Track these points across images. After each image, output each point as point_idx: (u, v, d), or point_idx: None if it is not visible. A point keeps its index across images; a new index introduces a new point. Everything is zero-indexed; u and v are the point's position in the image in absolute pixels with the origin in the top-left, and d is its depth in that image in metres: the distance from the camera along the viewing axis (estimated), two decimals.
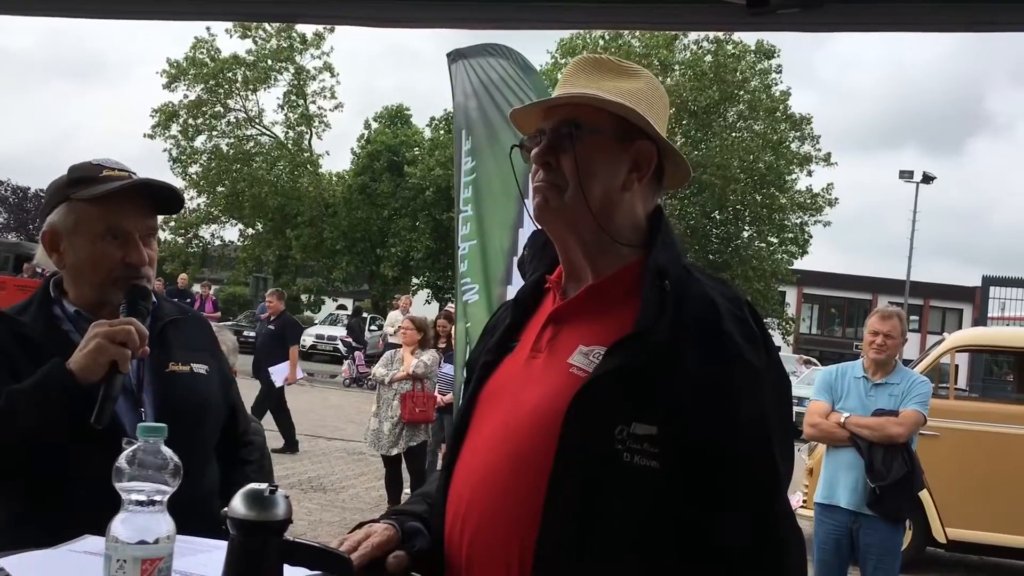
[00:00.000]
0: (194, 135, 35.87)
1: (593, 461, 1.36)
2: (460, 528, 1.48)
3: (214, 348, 2.15)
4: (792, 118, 34.60)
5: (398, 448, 7.82)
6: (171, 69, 34.84)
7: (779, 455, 1.41)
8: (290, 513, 1.17)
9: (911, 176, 35.72)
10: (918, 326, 47.16)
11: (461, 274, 4.56)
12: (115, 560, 1.11)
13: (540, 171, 1.54)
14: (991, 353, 17.17)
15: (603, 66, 1.57)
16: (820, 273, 46.04)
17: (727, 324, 1.41)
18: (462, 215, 4.59)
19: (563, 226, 1.54)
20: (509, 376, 1.56)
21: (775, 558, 1.39)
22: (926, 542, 8.17)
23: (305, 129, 36.78)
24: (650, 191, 1.57)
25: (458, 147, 4.69)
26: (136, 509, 1.13)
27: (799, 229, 35.37)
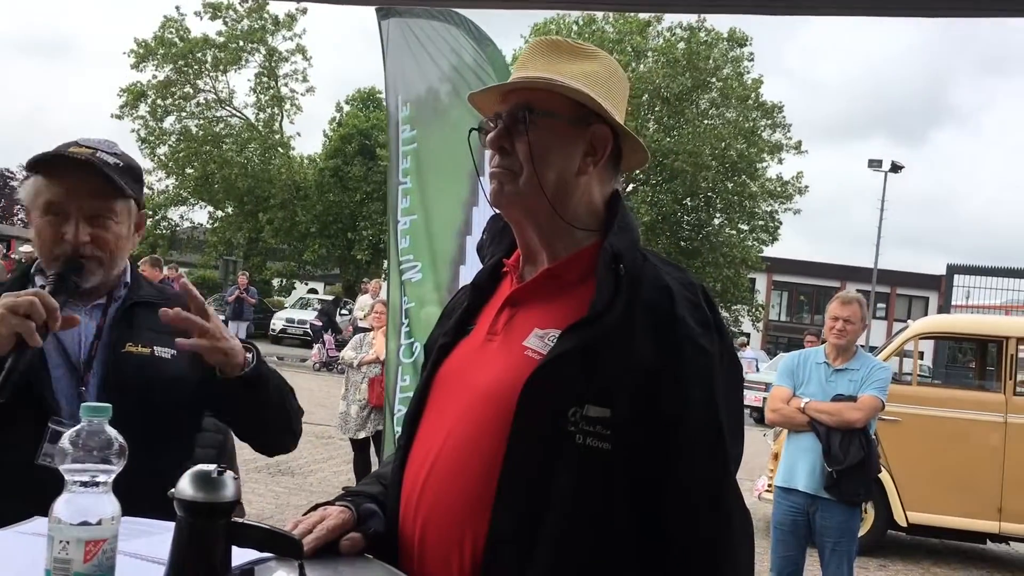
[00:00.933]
0: (163, 116, 35.41)
1: (546, 443, 1.37)
2: (414, 510, 1.48)
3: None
4: (764, 106, 34.79)
5: (365, 431, 7.80)
6: (139, 49, 34.33)
7: (729, 438, 1.42)
8: (239, 494, 1.16)
9: (880, 165, 36.04)
10: (885, 314, 47.75)
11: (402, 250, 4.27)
12: (58, 541, 1.10)
13: (496, 156, 1.54)
14: (955, 340, 17.42)
15: (560, 49, 1.56)
16: (790, 260, 46.45)
17: (680, 308, 1.42)
18: (401, 187, 4.31)
19: (519, 211, 1.54)
20: (465, 359, 1.56)
21: (723, 540, 1.40)
22: (888, 525, 8.30)
23: (276, 111, 36.45)
24: (607, 175, 1.57)
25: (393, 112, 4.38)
26: (79, 490, 1.12)
27: (769, 217, 35.63)
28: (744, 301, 36.30)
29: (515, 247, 1.61)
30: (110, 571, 1.13)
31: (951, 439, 8.14)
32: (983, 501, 7.98)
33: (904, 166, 36.35)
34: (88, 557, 1.10)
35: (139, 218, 2.04)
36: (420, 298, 4.15)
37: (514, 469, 1.37)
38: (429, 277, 4.14)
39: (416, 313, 4.11)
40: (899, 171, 36.13)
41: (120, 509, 1.14)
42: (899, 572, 7.92)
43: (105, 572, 1.12)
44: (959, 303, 19.80)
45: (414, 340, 4.05)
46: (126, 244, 1.99)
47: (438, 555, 1.43)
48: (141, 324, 1.97)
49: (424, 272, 4.16)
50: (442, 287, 4.04)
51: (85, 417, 1.15)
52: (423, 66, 4.21)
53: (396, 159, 4.30)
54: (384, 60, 4.26)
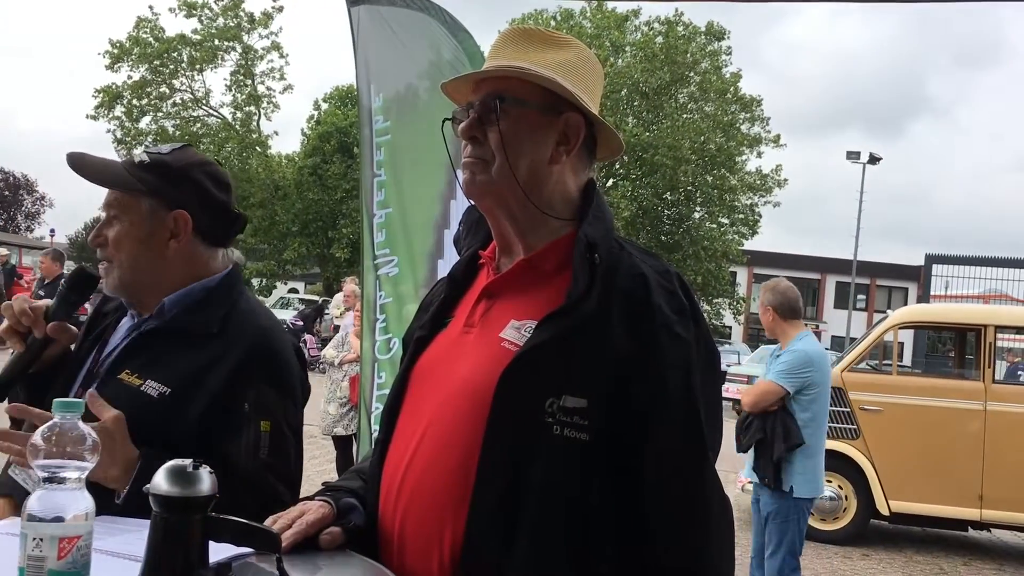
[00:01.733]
0: (139, 116, 35.17)
1: (524, 434, 1.36)
2: (393, 504, 1.47)
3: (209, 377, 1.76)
4: (742, 100, 34.92)
5: (343, 428, 7.77)
6: (114, 49, 34.06)
7: (707, 426, 1.41)
8: (215, 488, 1.15)
9: (858, 157, 36.29)
10: (865, 304, 48.08)
11: (377, 244, 4.11)
12: (31, 538, 1.08)
13: (468, 146, 1.53)
14: (934, 330, 17.57)
15: (532, 37, 1.55)
16: (770, 253, 46.67)
17: (656, 296, 1.41)
18: (376, 179, 4.14)
19: (491, 201, 1.53)
20: (442, 351, 1.55)
21: (702, 527, 1.39)
22: (870, 515, 8.36)
23: (254, 110, 36.25)
24: (580, 163, 1.56)
25: (365, 103, 4.19)
26: (53, 487, 1.10)
27: (749, 210, 35.78)
28: (725, 294, 36.47)
29: (491, 238, 1.60)
30: (85, 568, 1.11)
31: (932, 428, 8.20)
32: (964, 489, 8.05)
33: (882, 158, 36.62)
34: (62, 554, 1.08)
35: (172, 220, 1.84)
36: (397, 293, 4.04)
37: (491, 461, 1.37)
38: (407, 272, 4.03)
39: (393, 308, 4.02)
40: (877, 163, 36.40)
41: (94, 506, 1.12)
42: (882, 561, 7.97)
43: (80, 569, 1.10)
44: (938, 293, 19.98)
45: (391, 336, 3.98)
46: (143, 248, 1.83)
47: (418, 548, 1.42)
48: (156, 352, 1.81)
49: (401, 266, 4.05)
50: (419, 282, 3.94)
51: (57, 412, 1.13)
52: (396, 56, 4.07)
53: (369, 151, 4.17)
54: (355, 49, 4.09)
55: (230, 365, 1.76)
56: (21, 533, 1.10)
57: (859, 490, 8.31)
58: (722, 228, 35.82)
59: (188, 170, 1.87)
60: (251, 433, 1.75)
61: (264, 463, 1.75)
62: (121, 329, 1.91)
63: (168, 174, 1.85)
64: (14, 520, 1.30)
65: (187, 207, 1.85)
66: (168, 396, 1.72)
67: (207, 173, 1.90)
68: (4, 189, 42.43)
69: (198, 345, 1.79)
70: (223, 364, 1.76)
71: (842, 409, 8.34)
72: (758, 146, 35.27)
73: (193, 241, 1.87)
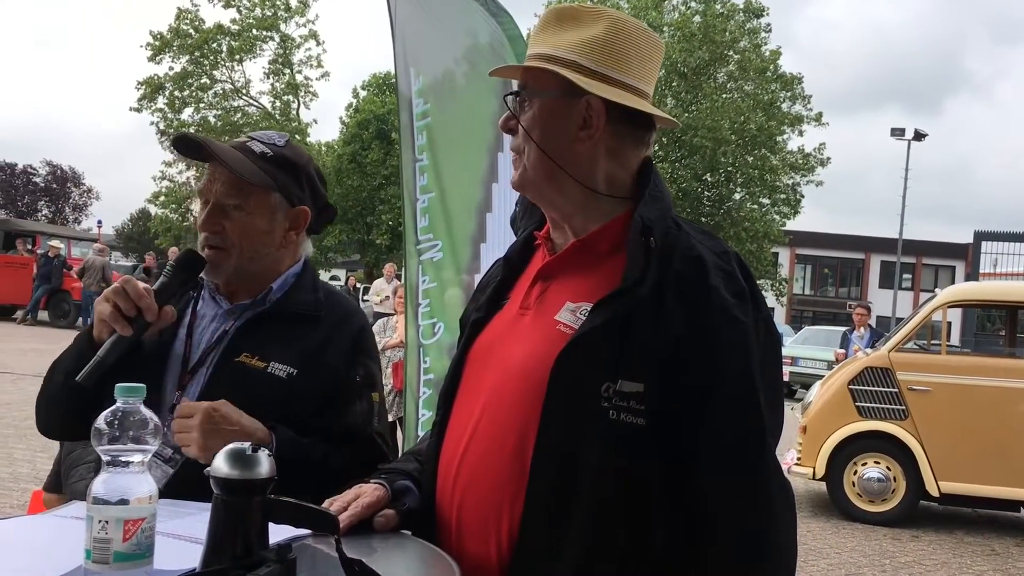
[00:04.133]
0: (181, 107, 35.57)
1: (579, 419, 1.35)
2: (451, 486, 1.47)
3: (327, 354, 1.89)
4: (783, 78, 34.41)
5: (391, 415, 7.83)
6: (155, 41, 34.47)
7: (766, 410, 1.39)
8: (274, 471, 1.16)
9: (902, 134, 35.61)
10: (911, 284, 47.35)
11: (421, 229, 4.03)
12: (97, 521, 1.10)
13: (511, 139, 1.55)
14: (983, 308, 17.24)
15: (564, 17, 1.52)
16: (812, 233, 46.11)
17: (713, 278, 1.39)
18: (418, 164, 4.05)
19: (532, 191, 1.54)
20: (498, 333, 1.54)
21: (763, 514, 1.37)
22: (919, 496, 8.25)
23: (292, 99, 36.51)
24: (619, 141, 1.51)
25: (405, 85, 4.09)
26: (117, 470, 1.12)
27: (791, 190, 35.32)
28: (767, 276, 36.08)
29: (546, 219, 1.60)
30: (149, 550, 1.13)
31: (982, 407, 8.07)
32: (1015, 469, 7.92)
33: (927, 134, 35.93)
34: (127, 536, 1.10)
35: (295, 215, 1.93)
36: (441, 278, 3.98)
37: (548, 445, 1.36)
38: (450, 256, 3.98)
39: (436, 293, 4.00)
40: (922, 139, 35.70)
41: (157, 488, 1.14)
42: (932, 543, 7.87)
43: (144, 551, 1.12)
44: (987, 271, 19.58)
45: (436, 320, 3.96)
46: (266, 240, 1.89)
47: (476, 530, 1.42)
48: (269, 335, 1.87)
49: (445, 251, 3.99)
50: (462, 266, 3.89)
51: (120, 397, 1.15)
52: (434, 39, 4.02)
53: (410, 135, 4.10)
54: (392, 32, 4.04)
55: (344, 343, 1.92)
56: (87, 516, 1.12)
57: (908, 471, 8.21)
58: (763, 209, 35.41)
59: (306, 166, 1.96)
60: (365, 404, 1.93)
61: (376, 431, 1.95)
62: (206, 314, 1.92)
63: (293, 170, 1.93)
64: (79, 505, 1.32)
65: (307, 203, 1.95)
66: (296, 376, 1.83)
67: (315, 169, 2.00)
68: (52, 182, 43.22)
69: (307, 326, 1.90)
70: (338, 343, 1.91)
71: (890, 390, 8.23)
72: (799, 125, 34.77)
73: (302, 233, 1.99)
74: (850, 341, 12.14)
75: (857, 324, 12.46)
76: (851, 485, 8.42)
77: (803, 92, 34.86)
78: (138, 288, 1.71)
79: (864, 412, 8.36)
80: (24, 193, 42.35)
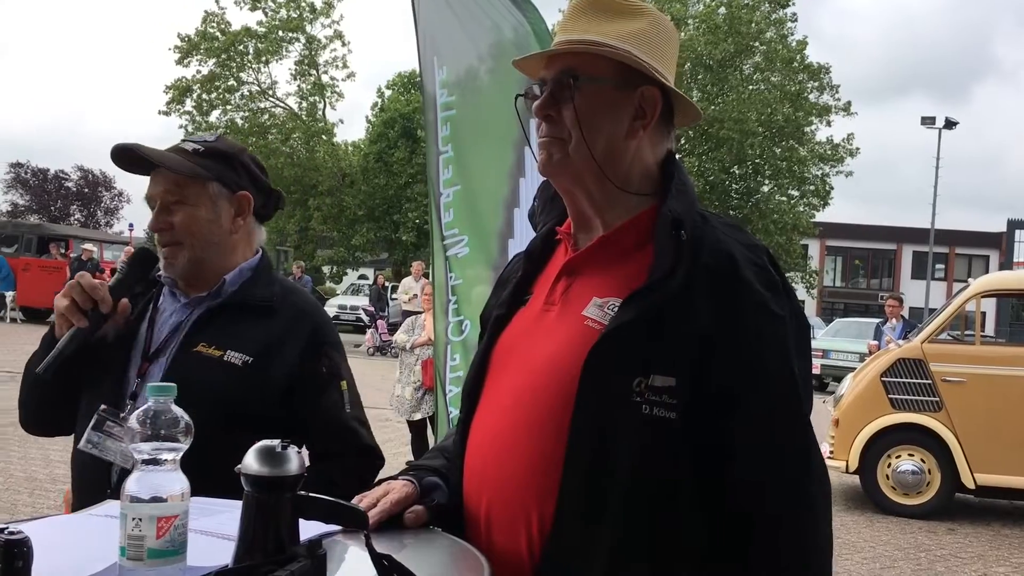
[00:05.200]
0: (208, 110, 35.84)
1: (612, 414, 1.35)
2: (479, 484, 1.48)
3: (285, 345, 1.95)
4: (810, 68, 34.06)
5: (420, 413, 7.86)
6: (183, 44, 34.78)
7: (805, 404, 1.39)
8: (303, 468, 1.17)
9: (933, 122, 35.20)
10: (944, 274, 46.78)
11: (446, 224, 3.98)
12: (131, 518, 1.12)
13: (543, 125, 1.50)
14: (1017, 297, 17.00)
15: (602, 6, 1.50)
16: (842, 225, 45.67)
17: (745, 272, 1.38)
18: (442, 156, 4.00)
19: (569, 179, 1.51)
20: (523, 330, 1.54)
21: (804, 514, 1.36)
22: (955, 488, 8.16)
23: (318, 99, 36.69)
24: (658, 136, 1.52)
25: (429, 77, 4.05)
26: (149, 468, 1.13)
27: (820, 181, 34.97)
28: (797, 268, 35.76)
29: (567, 214, 1.58)
30: (182, 547, 1.14)
31: (1017, 398, 7.96)
32: None
33: (958, 122, 35.52)
34: (161, 533, 1.12)
35: (237, 201, 2.02)
36: (468, 274, 3.95)
37: (580, 440, 1.36)
38: (477, 252, 3.94)
39: (464, 290, 3.96)
40: (953, 127, 35.28)
41: (189, 486, 1.16)
42: (968, 535, 7.78)
43: (178, 548, 1.14)
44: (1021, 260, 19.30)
45: (463, 318, 3.93)
46: (213, 227, 1.97)
47: (506, 526, 1.43)
48: (225, 325, 1.95)
49: (471, 246, 3.95)
50: (490, 262, 3.85)
51: (151, 396, 1.17)
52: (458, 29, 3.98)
53: (435, 127, 4.05)
54: (415, 22, 4.02)
55: (303, 336, 1.99)
56: (121, 514, 1.13)
57: (942, 463, 8.13)
58: (792, 200, 35.09)
59: (239, 155, 2.05)
60: (334, 393, 2.01)
61: (352, 415, 2.04)
62: (166, 308, 2.01)
63: (226, 159, 2.02)
64: (113, 504, 1.34)
65: (247, 188, 2.04)
66: (251, 364, 1.91)
67: (250, 157, 2.10)
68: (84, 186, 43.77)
69: (264, 317, 1.98)
70: (296, 335, 1.98)
71: (923, 381, 8.14)
72: (828, 115, 34.40)
73: (251, 219, 2.07)
74: (882, 333, 12.02)
75: (889, 315, 12.34)
76: (885, 478, 8.35)
77: (831, 82, 34.50)
78: (92, 282, 1.84)
79: (897, 404, 8.28)
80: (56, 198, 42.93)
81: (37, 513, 6.33)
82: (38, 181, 42.77)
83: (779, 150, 33.63)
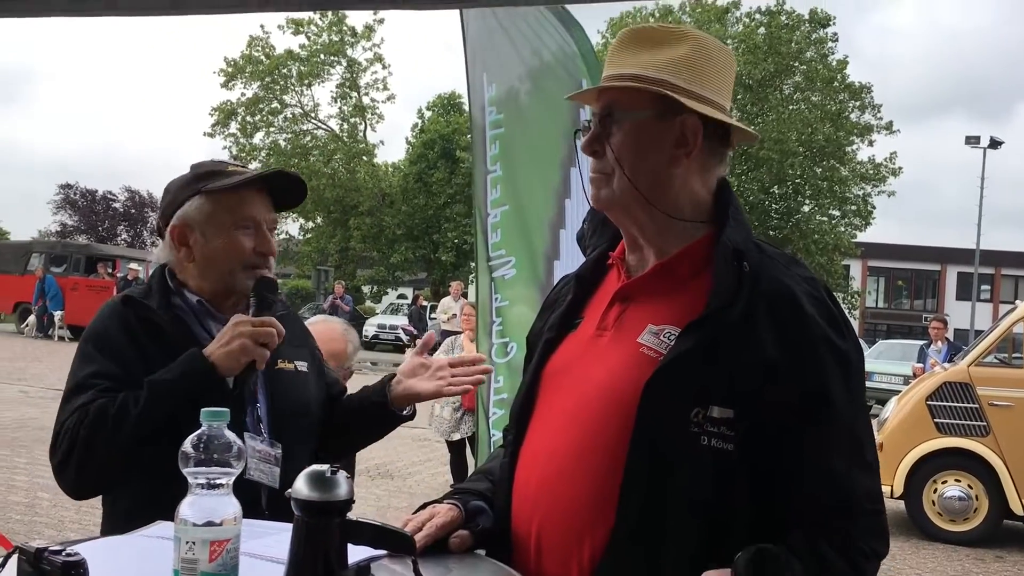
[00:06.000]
0: (252, 132, 36.45)
1: (669, 443, 1.35)
2: (530, 507, 1.47)
3: (311, 345, 2.16)
4: (851, 87, 33.79)
5: (460, 433, 7.87)
6: (228, 68, 35.43)
7: (867, 439, 1.41)
8: (352, 493, 1.19)
9: (977, 141, 34.67)
10: (990, 295, 45.89)
11: (492, 245, 3.94)
12: (185, 542, 1.14)
13: (591, 160, 1.53)
14: None
15: (644, 38, 1.51)
16: (885, 245, 45.00)
17: (806, 305, 1.38)
18: (491, 175, 3.95)
19: (618, 212, 1.53)
20: (574, 354, 1.54)
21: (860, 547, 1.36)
22: (1003, 515, 7.98)
23: (359, 121, 37.13)
24: (708, 161, 1.51)
25: (477, 94, 4.03)
26: (203, 492, 1.16)
27: (862, 201, 34.58)
28: (839, 288, 35.31)
29: (619, 237, 1.59)
30: (234, 570, 1.17)
31: None
32: None
33: (1004, 141, 34.91)
34: (213, 557, 1.14)
35: None
36: (513, 296, 3.93)
37: (638, 469, 1.36)
38: (524, 273, 3.90)
39: (509, 312, 3.88)
40: (998, 147, 34.71)
41: (241, 510, 1.18)
42: (1017, 563, 7.60)
43: (230, 571, 1.16)
44: None
45: (509, 340, 3.89)
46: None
47: (556, 553, 1.42)
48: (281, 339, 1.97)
49: (519, 268, 3.92)
50: (537, 283, 3.81)
51: (205, 421, 1.19)
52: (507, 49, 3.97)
53: (483, 146, 4.01)
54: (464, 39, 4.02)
55: (302, 327, 2.20)
56: (175, 537, 1.16)
57: (990, 489, 7.94)
58: (833, 220, 34.74)
59: None
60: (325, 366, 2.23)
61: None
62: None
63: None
64: (166, 525, 1.37)
65: None
66: (309, 369, 2.06)
67: None
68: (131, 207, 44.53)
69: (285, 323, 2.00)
70: (301, 328, 2.17)
71: (970, 405, 7.99)
72: (869, 135, 34.07)
73: None
74: (927, 355, 11.82)
75: (934, 338, 12.13)
76: (931, 504, 8.18)
77: (872, 101, 34.18)
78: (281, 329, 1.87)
79: (943, 428, 8.13)
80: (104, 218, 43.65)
81: (84, 529, 6.43)
82: (86, 202, 43.58)
83: (820, 170, 33.37)
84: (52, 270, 24.73)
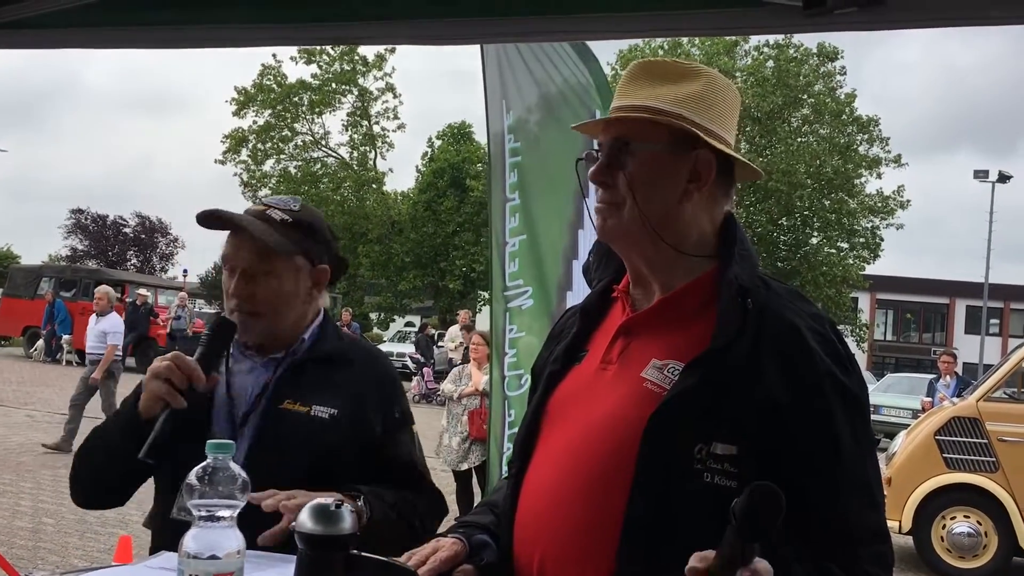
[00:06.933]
0: (263, 159, 36.73)
1: (673, 479, 1.34)
2: (531, 542, 1.47)
3: (365, 393, 2.01)
4: (859, 120, 33.90)
5: (467, 463, 7.84)
6: (240, 96, 35.77)
7: (874, 478, 1.40)
8: (356, 527, 1.19)
9: (986, 176, 34.70)
10: (999, 329, 45.70)
11: (510, 275, 3.90)
12: (188, 574, 1.14)
13: (599, 190, 1.52)
14: None
15: (657, 71, 1.52)
16: (893, 278, 44.93)
17: (812, 342, 1.38)
18: (509, 204, 3.93)
19: (625, 243, 1.52)
20: (578, 387, 1.53)
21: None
22: (1012, 552, 7.90)
23: (369, 149, 37.37)
24: (716, 195, 1.52)
25: (497, 122, 4.01)
26: (206, 524, 1.16)
27: (870, 233, 34.57)
28: (847, 321, 35.23)
29: (623, 271, 1.58)
30: None
31: None
32: None
33: (1012, 175, 34.93)
34: None
35: (317, 274, 2.03)
36: (529, 326, 3.89)
37: (639, 504, 1.35)
38: (540, 304, 3.86)
39: (524, 343, 3.85)
40: (1007, 181, 34.72)
41: (244, 542, 1.18)
42: None
43: None
44: None
45: (523, 371, 3.79)
46: (293, 300, 1.98)
47: None
48: (307, 381, 1.97)
49: (535, 298, 3.87)
50: (550, 315, 3.76)
51: (210, 454, 1.20)
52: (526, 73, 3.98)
53: (502, 174, 4.00)
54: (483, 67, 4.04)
55: (378, 382, 2.07)
56: (178, 570, 1.16)
57: (999, 526, 7.88)
58: (841, 253, 34.71)
59: (322, 227, 2.08)
60: (407, 436, 2.08)
61: (421, 458, 2.13)
62: (242, 370, 2.00)
63: (311, 232, 2.03)
64: (169, 556, 1.37)
65: (326, 261, 2.05)
66: (338, 416, 1.95)
67: (328, 227, 2.12)
68: (141, 232, 44.78)
69: (342, 368, 2.01)
70: (372, 382, 2.04)
71: (979, 441, 7.94)
72: (877, 167, 34.11)
73: (324, 290, 2.10)
74: (936, 390, 11.76)
75: (943, 372, 12.08)
76: (940, 540, 8.11)
77: (880, 134, 34.27)
78: (188, 362, 1.82)
79: (952, 464, 8.07)
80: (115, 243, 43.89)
81: (87, 555, 6.41)
82: (97, 227, 43.85)
83: (828, 202, 33.40)
84: (62, 294, 24.81)
